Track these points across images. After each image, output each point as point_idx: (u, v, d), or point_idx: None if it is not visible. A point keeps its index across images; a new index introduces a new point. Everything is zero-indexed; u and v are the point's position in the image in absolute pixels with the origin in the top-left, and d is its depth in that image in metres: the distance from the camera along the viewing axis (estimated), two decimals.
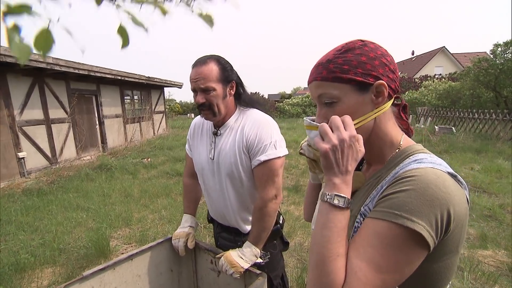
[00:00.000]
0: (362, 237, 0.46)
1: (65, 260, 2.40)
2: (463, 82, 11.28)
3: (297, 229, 2.84)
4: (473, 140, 7.17)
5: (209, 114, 1.04)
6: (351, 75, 0.51)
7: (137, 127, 8.89)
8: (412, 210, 0.42)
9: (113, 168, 5.35)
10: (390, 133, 0.56)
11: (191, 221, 1.22)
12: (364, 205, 0.53)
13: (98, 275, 0.99)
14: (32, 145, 5.21)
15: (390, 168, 0.53)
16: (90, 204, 3.64)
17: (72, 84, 6.29)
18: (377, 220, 0.45)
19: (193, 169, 1.23)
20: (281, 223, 1.19)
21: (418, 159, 0.50)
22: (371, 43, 0.54)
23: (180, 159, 6.17)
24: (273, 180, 1.03)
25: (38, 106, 5.42)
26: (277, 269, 1.17)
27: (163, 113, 11.37)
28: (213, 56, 1.04)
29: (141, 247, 1.14)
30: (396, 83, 0.54)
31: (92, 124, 7.15)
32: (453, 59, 21.90)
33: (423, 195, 0.42)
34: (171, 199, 3.81)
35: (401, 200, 0.44)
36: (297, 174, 4.87)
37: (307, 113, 18.48)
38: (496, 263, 2.24)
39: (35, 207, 3.57)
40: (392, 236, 0.43)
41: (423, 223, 0.42)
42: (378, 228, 0.44)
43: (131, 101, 9.04)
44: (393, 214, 0.43)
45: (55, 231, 2.88)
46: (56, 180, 4.75)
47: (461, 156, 5.71)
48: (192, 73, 1.02)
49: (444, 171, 0.46)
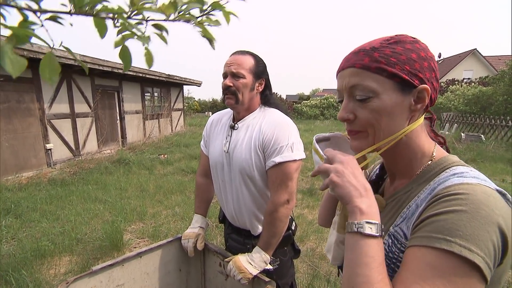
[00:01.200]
0: (411, 271, 0.38)
1: (81, 250, 2.48)
2: (496, 86, 10.54)
3: (310, 234, 2.77)
4: (505, 150, 6.68)
5: (232, 100, 1.04)
6: (398, 70, 0.44)
7: (155, 124, 9.13)
8: (467, 236, 0.35)
9: (131, 163, 5.51)
10: (423, 145, 0.49)
11: (201, 221, 1.20)
12: (395, 225, 0.46)
13: (107, 271, 0.99)
14: (58, 138, 5.50)
15: (423, 182, 0.46)
16: (107, 196, 3.77)
17: (97, 80, 6.57)
18: (424, 248, 0.37)
19: (207, 168, 1.22)
20: (293, 229, 1.14)
21: (458, 172, 0.43)
22: (421, 42, 0.48)
23: (196, 156, 6.25)
24: (286, 184, 0.99)
25: (65, 100, 5.70)
26: (286, 276, 1.12)
27: (181, 111, 11.60)
28: (251, 52, 1.09)
29: (150, 244, 1.13)
30: (435, 94, 0.48)
31: (113, 119, 7.42)
32: (485, 62, 20.56)
33: (476, 218, 0.35)
34: (185, 196, 3.85)
35: (450, 222, 0.36)
36: (311, 177, 4.77)
37: (325, 115, 18.14)
38: None
39: (58, 197, 3.74)
40: (449, 268, 0.35)
41: (482, 254, 0.34)
42: (429, 259, 0.36)
43: (151, 97, 9.30)
44: (444, 240, 0.36)
45: (74, 221, 3.00)
46: (78, 172, 4.97)
47: (490, 166, 5.32)
48: (229, 59, 1.07)
49: (493, 188, 0.39)
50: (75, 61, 5.08)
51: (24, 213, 3.18)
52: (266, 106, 1.12)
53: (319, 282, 2.02)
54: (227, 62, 1.05)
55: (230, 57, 1.07)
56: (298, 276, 2.10)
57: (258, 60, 1.07)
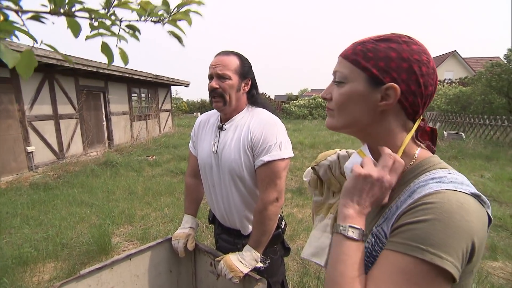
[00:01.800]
0: (384, 272, 0.41)
1: (67, 255, 2.41)
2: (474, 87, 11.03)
3: (300, 232, 2.80)
4: (483, 147, 7.00)
5: (220, 102, 1.04)
6: (370, 65, 0.47)
7: (143, 125, 8.96)
8: (438, 245, 0.38)
9: (118, 165, 5.39)
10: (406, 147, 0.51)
11: (191, 222, 1.20)
12: (377, 225, 0.49)
13: (96, 274, 0.98)
14: (40, 140, 5.30)
15: (404, 183, 0.48)
16: (94, 200, 3.67)
17: (81, 80, 6.38)
18: (399, 254, 0.40)
19: (196, 168, 1.21)
20: (283, 227, 1.16)
21: (437, 177, 0.45)
22: (416, 44, 0.48)
23: (185, 157, 6.18)
24: (275, 182, 1.00)
25: (48, 101, 5.50)
26: (277, 274, 1.14)
27: (169, 112, 11.43)
28: (236, 52, 1.08)
29: (140, 246, 1.12)
30: (417, 99, 0.48)
31: (99, 121, 7.23)
32: (464, 64, 21.47)
33: (448, 227, 0.38)
34: (175, 198, 3.81)
35: (424, 232, 0.39)
36: (301, 176, 4.82)
37: (314, 115, 18.36)
38: (506, 275, 2.16)
39: (41, 201, 3.61)
40: (419, 273, 0.38)
41: (451, 259, 0.38)
42: (402, 264, 0.40)
43: (138, 98, 9.12)
44: (418, 248, 0.39)
45: (59, 226, 2.91)
46: (62, 175, 4.81)
47: (470, 163, 5.57)
48: (213, 60, 1.06)
49: (467, 192, 0.42)
50: (57, 61, 4.91)
51: (4, 219, 3.05)
52: (253, 105, 1.12)
53: (309, 279, 2.05)
54: (212, 63, 1.05)
55: (214, 58, 1.06)
56: (289, 274, 2.13)
57: (243, 60, 1.07)
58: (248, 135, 1.02)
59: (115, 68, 6.76)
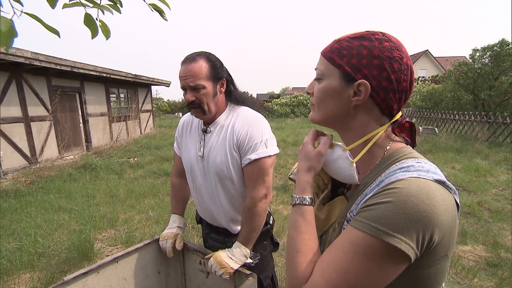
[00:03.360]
0: (338, 241, 0.46)
1: (44, 264, 2.29)
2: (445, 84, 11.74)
3: (286, 229, 2.85)
4: (454, 141, 7.46)
5: (199, 112, 1.02)
6: (344, 62, 0.50)
7: (123, 126, 8.64)
8: (389, 224, 0.41)
9: (98, 168, 5.17)
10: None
11: (179, 221, 1.19)
12: (350, 211, 0.52)
13: (81, 279, 0.95)
14: (8, 144, 4.96)
15: (376, 174, 0.51)
16: (73, 205, 3.50)
17: (54, 80, 6.04)
18: (354, 229, 0.44)
19: (181, 168, 1.20)
20: (271, 223, 1.18)
21: (405, 166, 0.46)
22: (389, 41, 0.49)
23: (168, 158, 6.05)
24: (263, 179, 1.02)
25: (16, 103, 5.16)
26: (267, 270, 1.16)
27: (150, 112, 11.12)
28: (202, 53, 1.01)
29: (126, 249, 1.10)
30: (389, 95, 0.49)
31: (76, 123, 6.89)
32: (436, 62, 22.74)
33: (402, 209, 0.40)
34: (159, 199, 3.73)
35: (379, 212, 0.42)
36: (285, 174, 4.89)
37: (296, 113, 18.63)
38: (475, 258, 2.33)
39: (12, 210, 3.39)
40: (365, 246, 0.42)
41: (401, 237, 0.40)
42: (353, 237, 0.44)
43: (117, 99, 8.78)
44: (369, 225, 0.42)
45: (34, 234, 2.74)
46: (36, 181, 4.54)
47: (443, 156, 5.92)
48: (181, 70, 0.99)
49: (430, 179, 0.43)
50: (25, 59, 4.61)
51: None
52: (233, 103, 1.10)
53: None
54: (181, 74, 0.98)
55: (182, 67, 0.99)
56: (276, 269, 2.16)
57: (212, 60, 1.01)
58: (234, 135, 1.02)
59: (92, 67, 6.47)
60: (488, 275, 2.10)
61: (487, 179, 4.36)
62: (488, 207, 3.30)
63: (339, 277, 0.43)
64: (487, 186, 4.00)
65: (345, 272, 0.43)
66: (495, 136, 7.39)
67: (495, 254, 2.35)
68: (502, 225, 2.90)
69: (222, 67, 1.04)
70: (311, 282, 0.46)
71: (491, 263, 2.24)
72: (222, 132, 1.05)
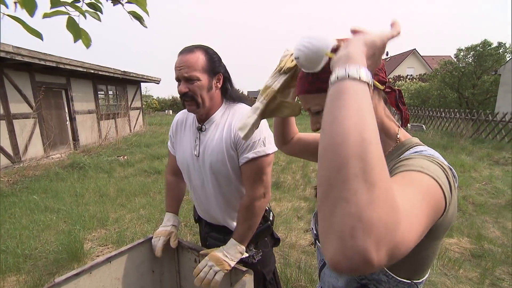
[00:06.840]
0: (395, 181, 0.41)
1: (31, 267, 2.22)
2: (432, 83, 12.06)
3: (278, 225, 2.87)
4: (440, 137, 7.69)
5: (192, 105, 0.99)
6: (324, 83, 0.50)
7: (112, 124, 8.45)
8: (428, 168, 0.43)
9: (86, 167, 5.05)
10: (387, 128, 0.56)
11: (173, 219, 1.18)
12: None
13: (73, 281, 0.92)
14: None
15: (390, 161, 0.53)
16: (60, 205, 3.41)
17: (38, 76, 5.82)
18: (408, 172, 0.43)
19: (176, 166, 1.18)
20: (272, 219, 1.18)
21: (418, 150, 0.51)
22: None
23: (158, 156, 5.97)
24: (261, 178, 1.00)
25: None
26: (269, 264, 1.16)
27: (139, 110, 10.91)
28: (200, 46, 0.98)
29: (119, 248, 1.08)
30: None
31: (62, 120, 6.68)
32: (423, 61, 23.28)
33: (431, 163, 0.45)
34: (150, 198, 3.68)
35: (415, 161, 0.45)
36: (277, 171, 4.92)
37: None
38: (461, 250, 2.42)
39: None
40: (427, 185, 0.40)
41: (434, 176, 0.42)
42: (405, 174, 0.42)
43: (105, 96, 8.57)
44: (422, 168, 0.43)
45: (19, 236, 2.66)
46: (20, 181, 4.38)
47: None
48: (177, 61, 0.95)
49: (441, 162, 0.48)
50: (6, 53, 4.41)
51: None
52: (229, 101, 1.07)
53: (290, 269, 2.12)
54: (176, 64, 0.95)
55: (178, 57, 0.95)
56: None
57: (210, 53, 0.97)
58: (231, 133, 1.00)
59: (79, 63, 6.27)
60: (472, 266, 2.19)
61: (471, 174, 4.52)
62: (472, 201, 3.43)
63: (414, 213, 0.35)
64: (471, 181, 4.15)
65: (417, 209, 0.36)
66: (478, 133, 7.66)
67: (479, 246, 2.44)
68: (485, 218, 3.02)
69: (220, 62, 1.01)
70: (405, 214, 0.32)
71: (475, 254, 2.33)
72: (218, 130, 1.03)
